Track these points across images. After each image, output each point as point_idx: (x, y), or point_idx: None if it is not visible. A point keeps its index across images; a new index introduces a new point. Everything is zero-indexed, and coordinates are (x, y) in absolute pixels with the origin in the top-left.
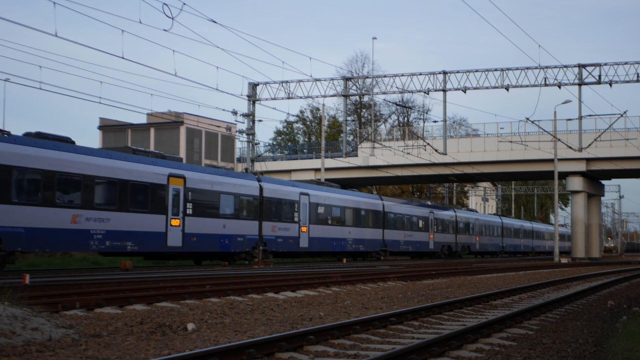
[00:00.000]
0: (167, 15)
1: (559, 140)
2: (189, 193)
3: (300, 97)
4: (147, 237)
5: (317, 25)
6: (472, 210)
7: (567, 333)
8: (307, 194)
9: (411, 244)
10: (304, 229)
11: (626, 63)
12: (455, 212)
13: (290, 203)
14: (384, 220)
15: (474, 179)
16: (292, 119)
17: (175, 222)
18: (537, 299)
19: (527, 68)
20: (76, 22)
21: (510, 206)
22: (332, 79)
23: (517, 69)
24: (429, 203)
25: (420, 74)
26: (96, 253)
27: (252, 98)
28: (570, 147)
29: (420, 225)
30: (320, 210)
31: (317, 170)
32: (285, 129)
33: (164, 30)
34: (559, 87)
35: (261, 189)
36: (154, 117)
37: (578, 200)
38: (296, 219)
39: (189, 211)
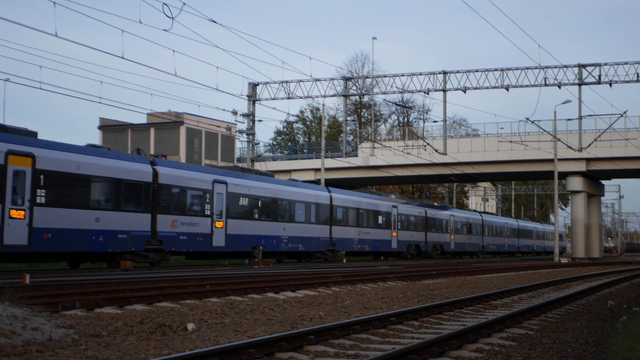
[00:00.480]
0: (167, 15)
1: (559, 140)
2: (40, 176)
3: (300, 97)
4: None
5: (317, 25)
6: (446, 206)
7: (567, 333)
8: (224, 182)
9: (368, 242)
10: (218, 224)
11: (626, 63)
12: (425, 207)
13: (199, 192)
14: (332, 215)
15: (474, 179)
16: (292, 119)
17: (16, 213)
18: (537, 299)
19: (527, 68)
20: (76, 22)
21: (510, 206)
22: (332, 79)
23: (517, 69)
24: (393, 197)
25: (420, 74)
26: None
27: (252, 98)
28: (570, 147)
29: (381, 221)
30: (243, 202)
31: (317, 170)
32: (285, 129)
33: (164, 30)
34: (559, 87)
35: (156, 173)
36: (154, 117)
37: (578, 200)
38: (208, 212)
39: (29, 198)
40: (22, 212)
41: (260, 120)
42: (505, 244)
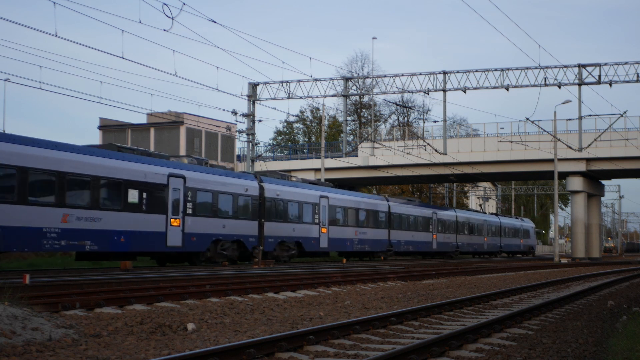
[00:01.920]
0: (167, 15)
1: (559, 140)
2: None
3: (300, 97)
4: None
5: (317, 25)
6: (412, 199)
7: (567, 333)
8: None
9: (292, 240)
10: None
11: (626, 63)
12: (388, 201)
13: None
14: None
15: (474, 179)
16: (292, 119)
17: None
18: (537, 299)
19: (527, 68)
20: (76, 22)
21: (511, 206)
22: (332, 79)
23: (517, 69)
24: (324, 186)
25: (420, 74)
26: None
27: (252, 98)
28: (570, 147)
29: (308, 217)
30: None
31: (317, 170)
32: (285, 129)
33: (164, 30)
34: (559, 87)
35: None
36: (154, 117)
37: (578, 200)
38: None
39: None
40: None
41: (260, 120)
42: (485, 244)
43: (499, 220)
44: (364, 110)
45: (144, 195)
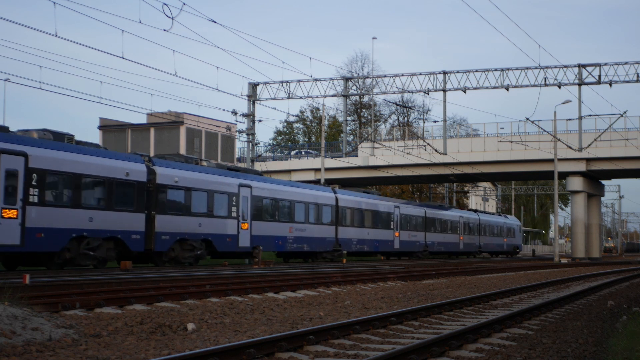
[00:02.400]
0: (167, 15)
1: (559, 140)
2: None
3: (300, 97)
4: None
5: (317, 25)
6: (369, 191)
7: (567, 333)
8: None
9: (199, 235)
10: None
11: (626, 63)
12: (335, 193)
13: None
14: (25, 186)
15: (474, 179)
16: (292, 119)
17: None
18: (537, 299)
19: (527, 68)
20: (76, 22)
21: (511, 206)
22: (332, 79)
23: (517, 69)
24: (248, 173)
25: (420, 74)
26: None
27: (252, 98)
28: (570, 147)
29: (222, 210)
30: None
31: (317, 170)
32: (285, 129)
33: (164, 30)
34: (559, 87)
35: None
36: (154, 117)
37: (578, 200)
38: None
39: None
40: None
41: (260, 120)
42: (460, 243)
43: (478, 217)
44: (364, 110)
45: None
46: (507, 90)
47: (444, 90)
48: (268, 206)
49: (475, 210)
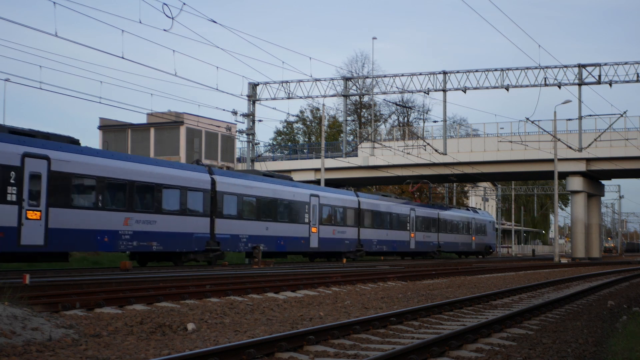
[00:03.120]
0: (167, 15)
1: (559, 140)
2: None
3: (300, 97)
4: None
5: (317, 25)
6: (285, 176)
7: (567, 333)
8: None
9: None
10: None
11: (626, 63)
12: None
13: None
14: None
15: (474, 179)
16: (292, 119)
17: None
18: (537, 299)
19: (527, 68)
20: (76, 22)
21: (511, 206)
22: (332, 79)
23: (517, 69)
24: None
25: (420, 74)
26: None
27: (252, 98)
28: (570, 147)
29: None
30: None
31: (317, 170)
32: (285, 129)
33: (164, 30)
34: (559, 87)
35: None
36: (154, 117)
37: (578, 200)
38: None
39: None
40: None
41: (260, 120)
42: (411, 241)
43: (437, 212)
44: (364, 110)
45: None
46: (507, 90)
47: (444, 90)
48: (327, 212)
49: (434, 204)
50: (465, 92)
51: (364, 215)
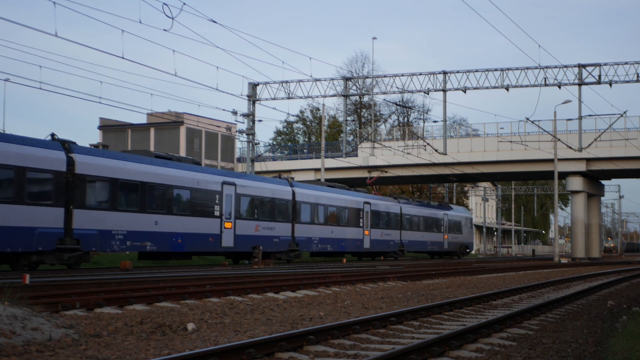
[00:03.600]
0: (167, 15)
1: (559, 140)
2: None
3: (300, 97)
4: None
5: (317, 25)
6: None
7: (567, 333)
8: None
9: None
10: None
11: (626, 63)
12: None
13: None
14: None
15: (474, 179)
16: (292, 119)
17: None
18: (537, 299)
19: (527, 68)
20: (76, 22)
21: (511, 206)
22: (332, 79)
23: (517, 69)
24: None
25: (420, 74)
26: None
27: (252, 98)
28: (570, 147)
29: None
30: None
31: (317, 170)
32: (285, 129)
33: (164, 30)
34: (559, 87)
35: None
36: (154, 117)
37: (578, 200)
38: None
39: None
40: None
41: (260, 120)
42: (366, 240)
43: (399, 206)
44: (364, 110)
45: None
46: (507, 90)
47: (444, 90)
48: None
49: (396, 197)
50: (465, 92)
51: (300, 209)
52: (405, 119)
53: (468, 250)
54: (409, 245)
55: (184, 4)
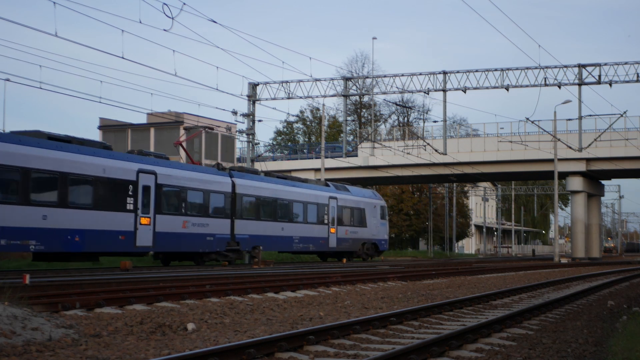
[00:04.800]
0: (167, 15)
1: (559, 140)
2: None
3: (300, 97)
4: None
5: (317, 25)
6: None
7: (567, 333)
8: None
9: None
10: None
11: (626, 63)
12: None
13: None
14: None
15: (474, 179)
16: (292, 119)
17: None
18: (537, 299)
19: (527, 68)
20: (76, 22)
21: (510, 206)
22: (332, 79)
23: (517, 69)
24: None
25: (420, 74)
26: None
27: (252, 98)
28: (570, 147)
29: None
30: None
31: (317, 170)
32: (285, 129)
33: (164, 30)
34: (559, 87)
35: None
36: (154, 117)
37: (578, 200)
38: None
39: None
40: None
41: (260, 120)
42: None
43: (230, 182)
44: (364, 110)
45: None
46: (507, 90)
47: (444, 90)
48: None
49: (227, 169)
50: (465, 92)
51: (242, 203)
52: (405, 119)
53: (379, 249)
54: (248, 242)
55: (184, 4)
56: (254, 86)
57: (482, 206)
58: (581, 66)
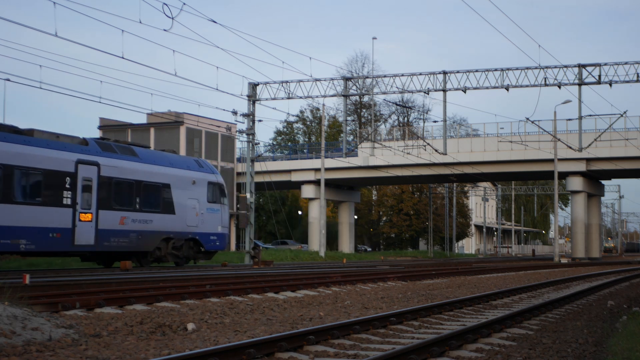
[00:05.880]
0: (167, 15)
1: (559, 140)
2: None
3: (300, 97)
4: None
5: (317, 25)
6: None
7: (567, 333)
8: None
9: None
10: None
11: (626, 63)
12: None
13: None
14: None
15: (474, 179)
16: (292, 119)
17: None
18: (537, 299)
19: (527, 68)
20: (76, 22)
21: (510, 206)
22: (332, 79)
23: (517, 69)
24: None
25: (420, 74)
26: None
27: (252, 98)
28: (570, 147)
29: None
30: None
31: (317, 170)
32: (285, 129)
33: (164, 30)
34: (559, 87)
35: None
36: (154, 117)
37: (578, 200)
38: None
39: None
40: None
41: (260, 120)
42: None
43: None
44: (364, 110)
45: None
46: (507, 90)
47: (444, 90)
48: None
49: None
50: (465, 92)
51: None
52: (405, 119)
53: (207, 249)
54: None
55: (184, 4)
56: (254, 86)
57: (482, 206)
58: (581, 66)
